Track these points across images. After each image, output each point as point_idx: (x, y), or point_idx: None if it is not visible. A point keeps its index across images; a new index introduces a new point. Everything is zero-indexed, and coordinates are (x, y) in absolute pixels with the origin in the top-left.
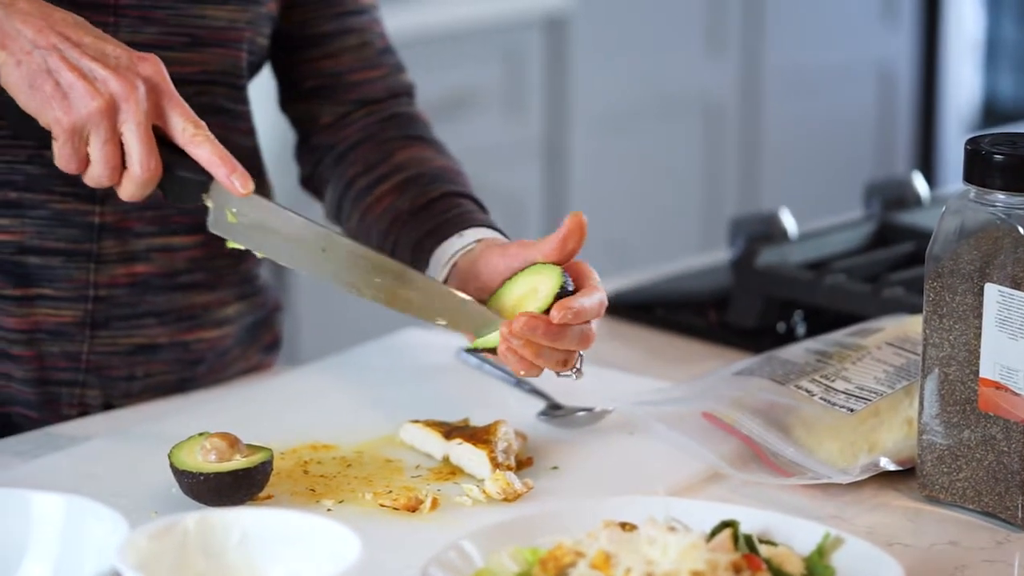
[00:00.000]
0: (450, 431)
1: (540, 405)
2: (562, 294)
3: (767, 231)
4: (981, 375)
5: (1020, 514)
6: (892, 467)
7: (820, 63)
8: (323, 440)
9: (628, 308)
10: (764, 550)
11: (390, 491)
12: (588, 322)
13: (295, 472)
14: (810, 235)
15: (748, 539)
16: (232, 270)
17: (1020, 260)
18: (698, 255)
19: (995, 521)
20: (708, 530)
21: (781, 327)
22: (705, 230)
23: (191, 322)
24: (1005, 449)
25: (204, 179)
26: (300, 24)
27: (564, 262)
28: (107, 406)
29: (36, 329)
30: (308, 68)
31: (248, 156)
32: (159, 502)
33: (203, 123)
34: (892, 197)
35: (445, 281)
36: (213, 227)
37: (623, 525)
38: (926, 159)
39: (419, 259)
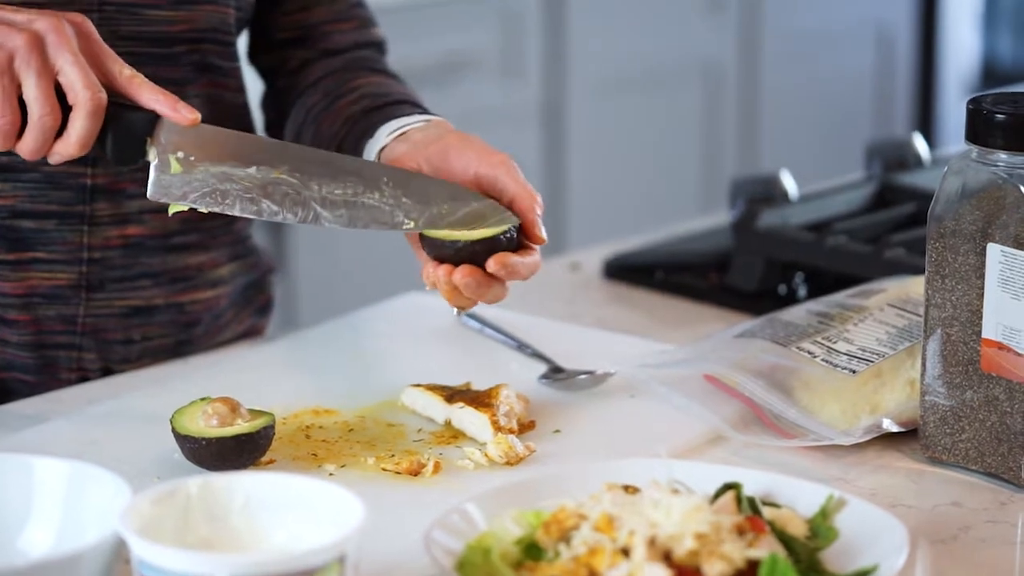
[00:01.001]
0: (452, 395)
1: (542, 369)
2: (505, 239)
3: (767, 193)
4: (983, 335)
5: (1023, 474)
6: (895, 428)
7: (819, 25)
8: (325, 405)
9: (628, 271)
10: (767, 512)
11: (392, 455)
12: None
13: (297, 437)
14: (811, 196)
15: (751, 501)
16: (224, 230)
17: (1022, 220)
18: (698, 218)
19: (998, 482)
20: (711, 492)
21: (782, 289)
22: (705, 193)
23: (185, 283)
24: (1008, 410)
25: (150, 116)
26: None
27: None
28: (105, 371)
29: (31, 293)
30: (282, 20)
31: (239, 113)
32: (161, 467)
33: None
34: (892, 158)
35: (383, 149)
36: (153, 192)
37: (626, 488)
38: (925, 121)
39: (364, 142)
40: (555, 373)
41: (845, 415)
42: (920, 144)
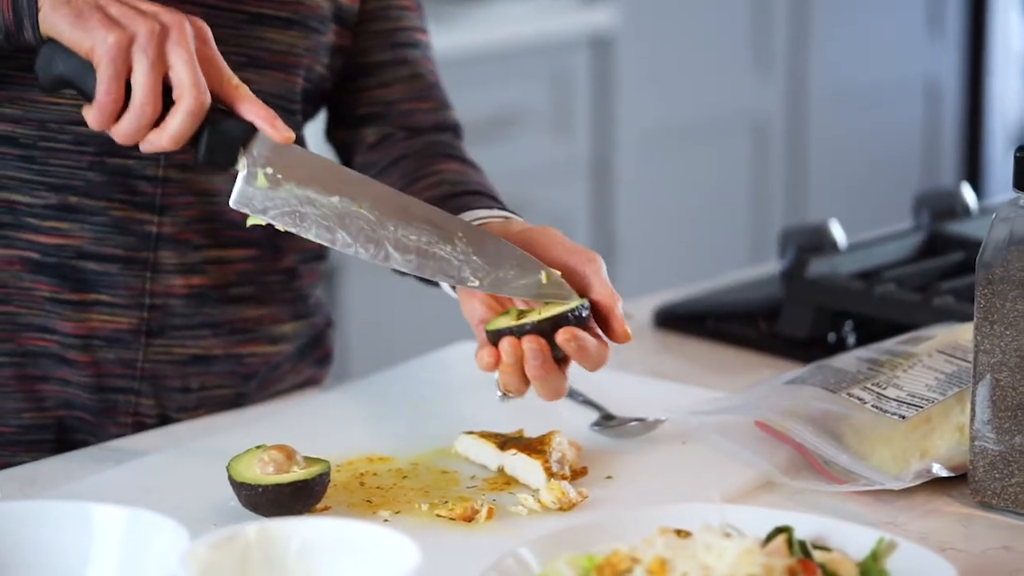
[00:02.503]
0: (504, 442)
1: (593, 416)
2: (573, 318)
3: (817, 242)
4: None
5: None
6: (944, 473)
7: (866, 79)
8: (379, 452)
9: (679, 320)
10: (818, 555)
11: (446, 501)
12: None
13: (351, 484)
14: (860, 245)
15: (803, 544)
16: (284, 287)
17: None
18: (748, 267)
19: None
20: (763, 536)
21: (832, 337)
22: (753, 244)
23: (244, 335)
24: None
25: (246, 127)
26: (357, 53)
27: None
28: (162, 418)
29: (92, 335)
30: (360, 96)
31: None
32: (219, 514)
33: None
34: (941, 208)
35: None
36: (237, 200)
37: (678, 532)
38: (973, 172)
39: None
40: (607, 420)
41: (895, 460)
42: (968, 194)
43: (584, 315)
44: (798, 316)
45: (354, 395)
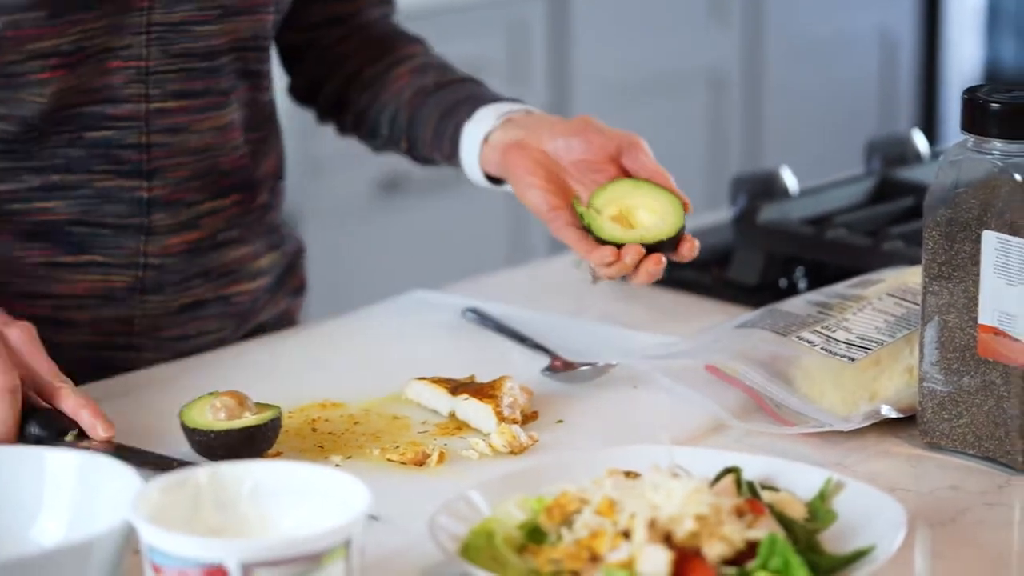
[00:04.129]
0: (456, 387)
1: (545, 361)
2: (682, 232)
3: (768, 188)
4: (980, 321)
5: (1020, 458)
6: (893, 415)
7: (822, 30)
8: (331, 399)
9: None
10: (766, 495)
11: (397, 446)
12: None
13: (303, 430)
14: (811, 191)
15: (751, 485)
16: (259, 221)
17: (1017, 207)
18: (700, 215)
19: (995, 465)
20: (712, 477)
21: (783, 283)
22: (709, 196)
23: (230, 277)
24: (1004, 394)
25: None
26: None
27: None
28: None
29: (88, 295)
30: (319, 8)
31: (269, 110)
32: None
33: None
34: (892, 154)
35: (491, 132)
36: None
37: (627, 473)
38: (928, 123)
39: (447, 122)
40: (558, 364)
41: (844, 402)
42: (920, 139)
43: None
44: (749, 262)
45: (306, 342)
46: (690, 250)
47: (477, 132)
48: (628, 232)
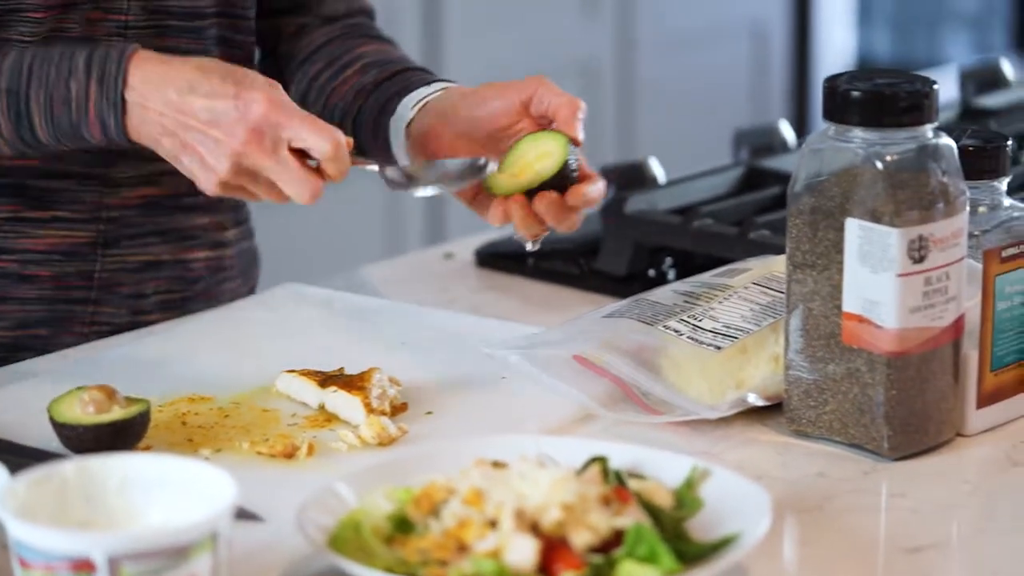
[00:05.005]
0: (325, 379)
1: (421, 358)
2: (569, 170)
3: (636, 178)
4: (844, 309)
5: (885, 444)
6: (760, 403)
7: (693, 23)
8: (200, 392)
9: (500, 258)
10: (633, 484)
11: (267, 439)
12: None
13: (173, 423)
14: (678, 181)
15: (617, 473)
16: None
17: (879, 195)
18: None
19: (862, 452)
20: (578, 466)
21: (651, 273)
22: None
23: (190, 242)
24: (869, 381)
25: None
26: None
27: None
28: (117, 326)
29: (52, 250)
30: None
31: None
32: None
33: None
34: (760, 144)
35: (411, 123)
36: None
37: (495, 463)
38: (800, 117)
39: (384, 118)
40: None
41: (712, 391)
42: (787, 130)
43: (575, 162)
44: (617, 252)
45: (176, 335)
46: (583, 194)
47: (399, 126)
48: (516, 181)
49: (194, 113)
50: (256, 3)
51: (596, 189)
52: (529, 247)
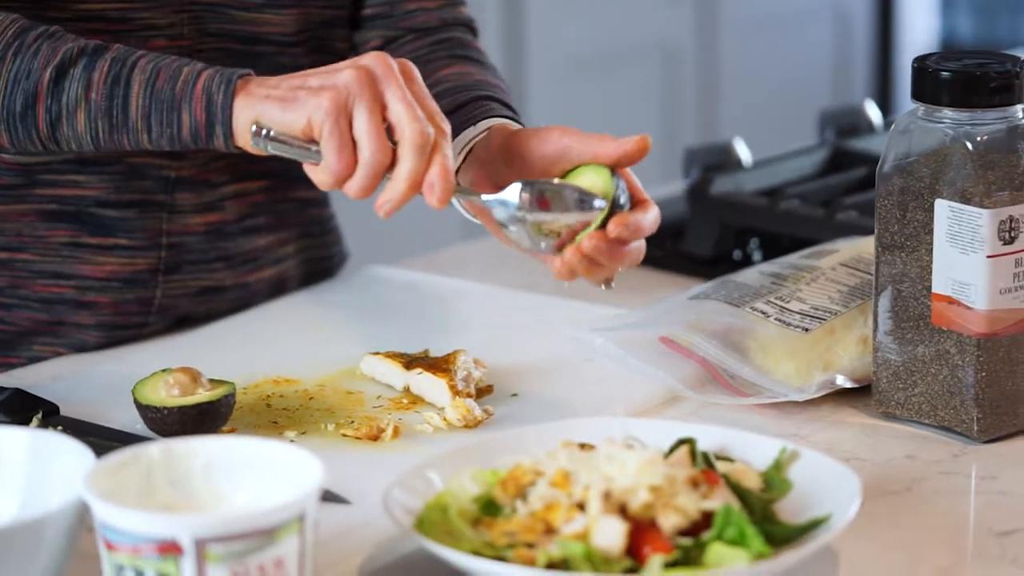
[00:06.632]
0: (410, 361)
1: (499, 338)
2: (614, 204)
3: (721, 160)
4: (933, 290)
5: (975, 427)
6: (848, 384)
7: (775, 7)
8: (285, 375)
9: None
10: (721, 466)
11: (352, 421)
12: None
13: (258, 406)
14: (764, 162)
15: (705, 455)
16: (296, 214)
17: (969, 175)
18: (654, 187)
19: (951, 435)
20: (666, 448)
21: (737, 254)
22: (664, 165)
23: (253, 264)
24: (959, 363)
25: None
26: None
27: (617, 167)
28: None
29: (111, 277)
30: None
31: None
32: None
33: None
34: (845, 124)
35: (459, 170)
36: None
37: (582, 445)
38: (883, 97)
39: None
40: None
41: (799, 373)
42: (872, 110)
43: (623, 196)
44: (703, 234)
45: (260, 318)
46: (626, 223)
47: (456, 147)
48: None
49: (306, 75)
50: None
51: (646, 217)
52: (603, 289)
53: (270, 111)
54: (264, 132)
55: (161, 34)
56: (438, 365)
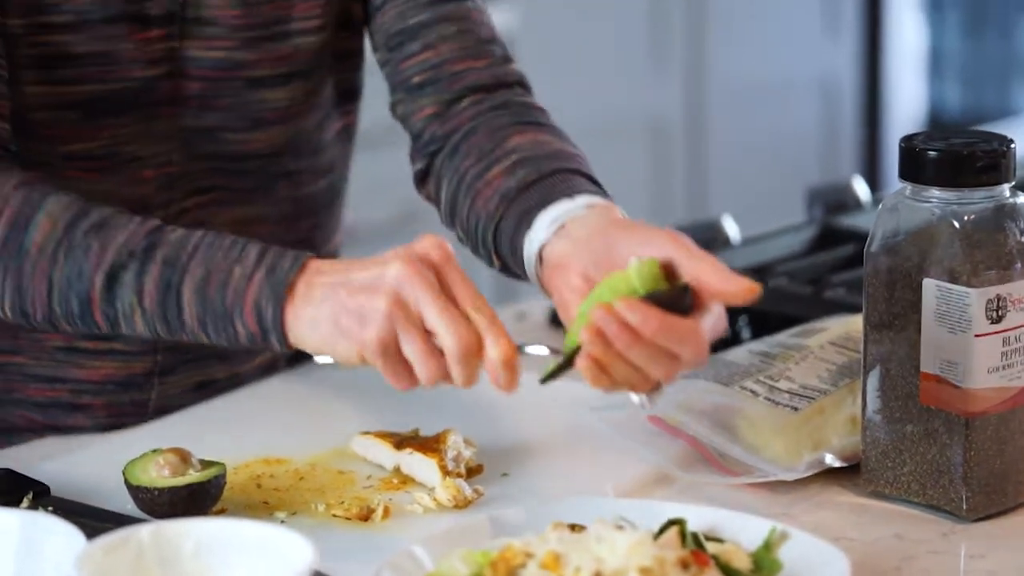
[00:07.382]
0: (400, 441)
1: (483, 415)
2: (657, 295)
3: (709, 237)
4: (922, 369)
5: (964, 506)
6: (837, 463)
7: (763, 77)
8: (276, 454)
9: None
10: (711, 546)
11: (342, 501)
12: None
13: (248, 486)
14: (752, 240)
15: (695, 536)
16: None
17: (956, 254)
18: None
19: (940, 514)
20: (656, 528)
21: (727, 333)
22: None
23: (247, 356)
24: (947, 442)
25: None
26: (396, 19)
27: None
28: None
29: (107, 380)
30: (409, 64)
31: (309, 205)
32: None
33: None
34: (833, 201)
35: (545, 245)
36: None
37: (572, 527)
38: (871, 169)
39: (523, 229)
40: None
41: (788, 452)
42: (860, 187)
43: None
44: None
45: (250, 397)
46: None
47: (532, 247)
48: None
49: (356, 275)
50: (396, 83)
51: (688, 323)
52: (637, 401)
53: (321, 345)
54: None
55: (148, 164)
56: (428, 445)
